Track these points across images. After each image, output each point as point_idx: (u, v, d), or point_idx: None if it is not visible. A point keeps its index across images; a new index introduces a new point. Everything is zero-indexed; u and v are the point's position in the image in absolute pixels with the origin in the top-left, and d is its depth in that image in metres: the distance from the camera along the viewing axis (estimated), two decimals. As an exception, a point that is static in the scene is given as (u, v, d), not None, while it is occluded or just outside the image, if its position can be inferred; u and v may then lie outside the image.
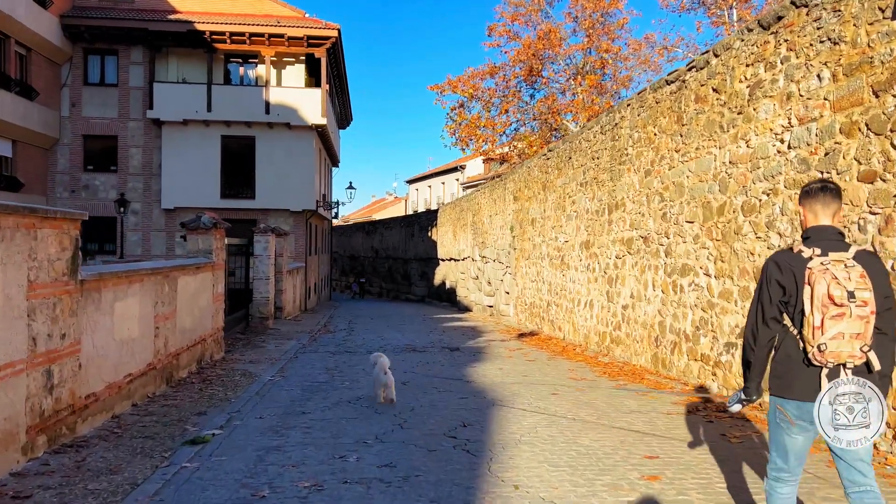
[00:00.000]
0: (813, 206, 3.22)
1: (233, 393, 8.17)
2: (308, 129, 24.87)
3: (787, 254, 3.18)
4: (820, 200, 3.20)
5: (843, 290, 2.92)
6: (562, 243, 14.74)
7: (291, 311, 21.29)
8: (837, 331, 2.92)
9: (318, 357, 11.54)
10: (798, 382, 3.06)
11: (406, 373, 9.76)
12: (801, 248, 3.12)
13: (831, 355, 2.95)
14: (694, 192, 8.84)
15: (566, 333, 14.28)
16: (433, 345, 13.56)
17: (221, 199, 24.72)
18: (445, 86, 26.07)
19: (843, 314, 2.91)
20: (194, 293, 9.75)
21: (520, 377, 9.41)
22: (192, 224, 10.77)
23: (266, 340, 14.04)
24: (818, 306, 2.96)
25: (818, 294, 2.95)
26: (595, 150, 12.78)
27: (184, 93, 24.09)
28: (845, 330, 2.92)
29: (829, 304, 2.93)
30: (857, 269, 2.97)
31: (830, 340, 2.93)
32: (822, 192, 3.21)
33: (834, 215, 3.20)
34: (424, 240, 37.54)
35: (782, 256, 3.19)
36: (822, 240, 3.12)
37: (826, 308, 2.94)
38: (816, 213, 3.21)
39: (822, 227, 3.18)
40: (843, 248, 3.09)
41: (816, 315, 2.96)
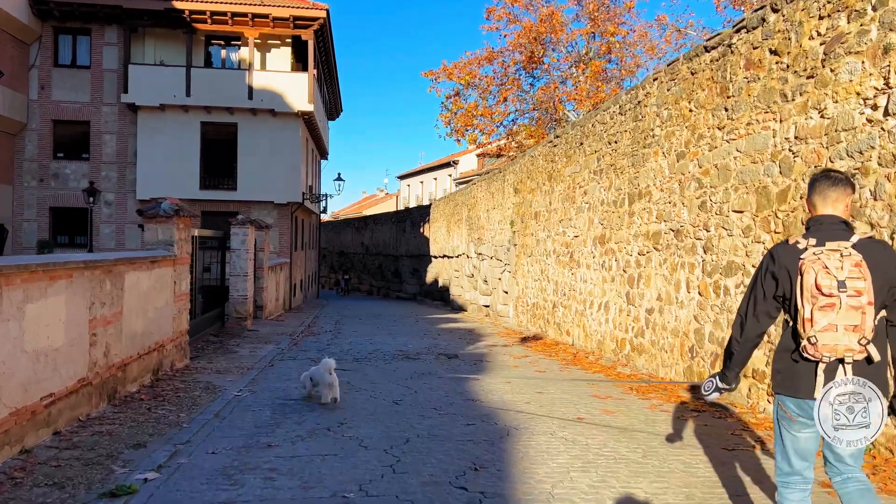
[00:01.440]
0: (820, 198, 3.11)
1: (187, 414, 6.68)
2: (294, 117, 23.33)
3: (782, 246, 3.09)
4: (828, 192, 3.09)
5: (832, 280, 2.80)
6: (571, 238, 13.30)
7: (273, 310, 19.77)
8: (828, 322, 2.81)
9: (296, 365, 10.05)
10: (795, 378, 2.97)
11: (399, 387, 8.30)
12: (797, 239, 3.04)
13: (825, 349, 2.83)
14: (744, 176, 7.41)
15: (575, 338, 12.85)
16: (428, 351, 12.09)
17: (201, 190, 23.17)
18: (440, 72, 24.58)
19: (832, 304, 2.80)
20: (148, 292, 8.24)
21: (533, 393, 7.96)
22: (150, 211, 9.27)
23: (241, 344, 12.53)
24: (807, 297, 2.86)
25: (807, 284, 2.86)
26: (612, 134, 11.35)
27: (161, 76, 22.50)
28: (838, 321, 2.80)
29: (817, 294, 2.83)
30: (852, 258, 2.84)
31: (821, 332, 2.82)
32: (832, 182, 3.10)
33: (840, 205, 3.08)
34: (416, 236, 36.07)
35: (778, 249, 3.10)
36: (821, 230, 3.02)
37: (815, 299, 2.83)
38: (824, 204, 3.10)
39: (824, 217, 3.08)
40: (843, 236, 2.96)
41: (806, 306, 2.86)
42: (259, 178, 23.12)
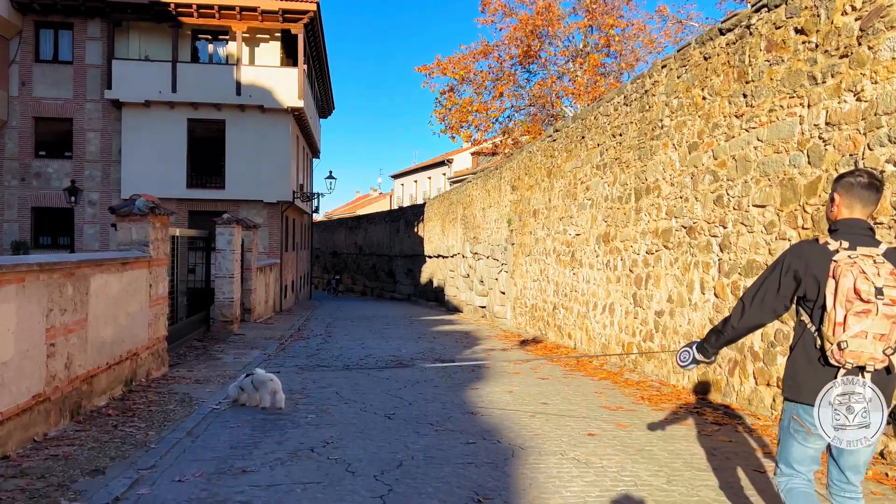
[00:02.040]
0: (852, 202, 2.94)
1: (156, 433, 6.03)
2: (283, 113, 22.65)
3: (811, 245, 2.96)
4: (862, 198, 2.93)
5: (870, 286, 2.67)
6: (572, 237, 12.69)
7: (263, 312, 19.11)
8: (861, 328, 2.69)
9: (283, 373, 9.40)
10: (813, 384, 2.82)
11: (392, 398, 7.66)
12: (827, 239, 2.90)
13: (851, 355, 2.72)
14: (766, 167, 6.80)
15: (578, 342, 12.24)
16: (423, 356, 11.46)
17: (188, 189, 22.49)
18: (434, 67, 23.91)
19: (868, 311, 2.68)
20: (119, 296, 7.59)
21: (537, 405, 7.34)
22: (123, 209, 8.61)
23: (225, 350, 11.88)
24: (842, 301, 2.72)
25: (843, 288, 2.71)
26: (617, 126, 10.74)
27: (146, 71, 21.78)
28: (869, 329, 2.69)
29: (854, 298, 2.69)
30: (886, 266, 2.74)
31: (852, 339, 2.70)
32: (868, 189, 2.93)
33: (870, 210, 2.97)
34: (410, 236, 35.43)
35: (805, 247, 2.98)
36: (850, 234, 2.89)
37: (850, 303, 2.70)
38: (853, 208, 2.94)
39: (853, 221, 2.94)
40: (872, 243, 2.86)
41: (839, 310, 2.72)
42: (248, 177, 22.45)
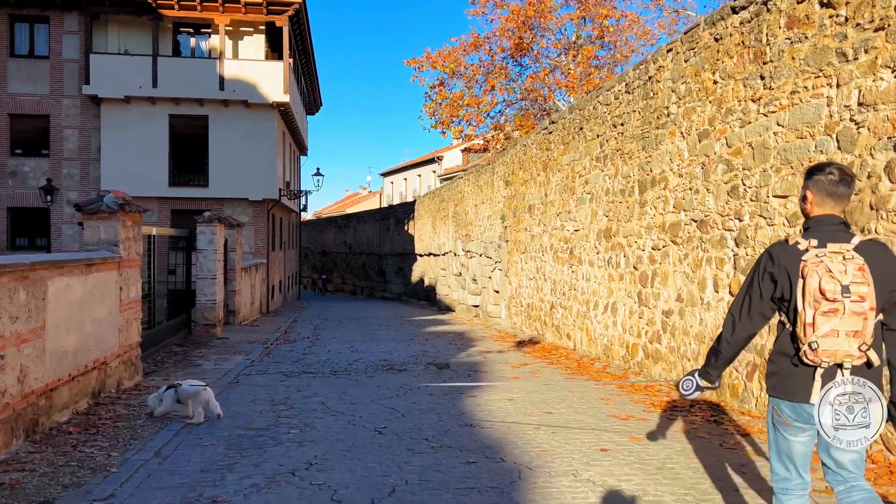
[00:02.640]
0: (823, 199, 2.89)
1: (120, 453, 5.41)
2: (269, 108, 22.00)
3: (782, 246, 2.91)
4: (833, 194, 2.87)
5: (836, 284, 2.67)
6: (570, 233, 12.13)
7: (248, 314, 18.45)
8: (830, 327, 2.68)
9: (265, 381, 8.80)
10: (792, 382, 2.84)
11: (383, 408, 7.07)
12: (797, 239, 2.87)
13: (825, 354, 2.71)
14: (789, 154, 6.25)
15: (577, 343, 11.67)
16: (416, 359, 10.87)
17: (170, 188, 21.84)
18: (424, 60, 23.31)
19: (835, 310, 2.67)
20: (83, 300, 6.95)
21: (541, 414, 6.76)
22: (90, 206, 7.97)
23: (206, 355, 11.24)
24: (810, 301, 2.71)
25: (810, 288, 2.71)
26: (618, 115, 10.18)
27: (126, 66, 21.09)
28: (839, 327, 2.68)
29: (820, 298, 2.68)
30: (856, 262, 2.71)
31: (822, 338, 2.70)
32: (839, 185, 2.87)
33: (843, 204, 2.91)
34: (401, 234, 34.82)
35: (777, 248, 2.92)
36: (821, 230, 2.86)
37: (818, 303, 2.69)
38: (824, 205, 2.90)
39: (825, 217, 2.89)
40: (844, 238, 2.81)
41: (808, 311, 2.72)
42: (232, 174, 21.78)
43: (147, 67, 21.12)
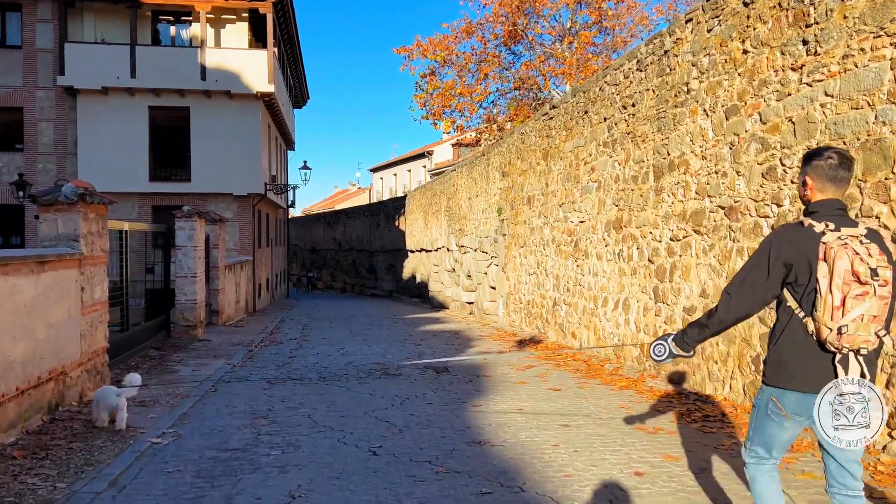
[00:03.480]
0: (824, 184, 2.79)
1: (69, 484, 4.57)
2: (253, 99, 21.07)
3: (795, 228, 2.79)
4: (834, 179, 2.77)
5: (866, 267, 2.54)
6: (575, 224, 11.34)
7: (233, 314, 17.57)
8: (860, 311, 2.54)
9: (246, 390, 7.96)
10: (805, 371, 2.69)
11: (377, 422, 6.25)
12: (810, 221, 2.74)
13: (848, 339, 2.57)
14: (841, 128, 5.47)
15: (584, 342, 10.89)
16: (411, 362, 10.05)
17: (151, 183, 20.87)
18: (414, 48, 22.46)
19: (866, 293, 2.54)
20: (34, 303, 6.09)
21: (557, 427, 5.96)
22: (47, 197, 7.09)
23: (185, 360, 10.38)
24: (838, 284, 2.56)
25: (839, 270, 2.56)
26: (628, 96, 9.39)
27: (102, 55, 20.09)
28: (867, 311, 2.54)
29: (851, 281, 2.55)
30: (873, 246, 2.61)
31: (852, 322, 2.55)
32: (839, 169, 2.77)
33: (844, 189, 2.83)
34: (391, 230, 33.98)
35: (790, 231, 2.81)
36: (831, 214, 2.74)
37: (847, 286, 2.55)
38: (825, 191, 2.79)
39: (828, 202, 2.79)
40: (852, 223, 2.75)
41: (836, 294, 2.57)
42: (216, 168, 20.85)
43: (125, 57, 20.15)
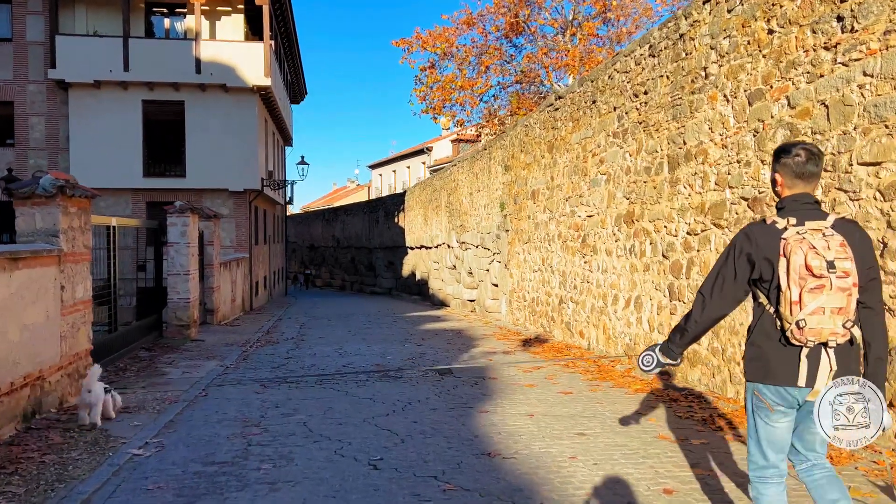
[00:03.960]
0: (793, 181, 2.83)
1: (38, 500, 4.13)
2: (249, 92, 20.59)
3: (759, 225, 2.83)
4: (802, 175, 2.81)
5: (821, 261, 2.60)
6: (583, 219, 10.89)
7: (229, 312, 17.12)
8: (817, 305, 2.59)
9: (239, 394, 7.52)
10: (777, 365, 2.74)
11: (378, 430, 5.80)
12: (774, 218, 2.80)
13: (811, 332, 2.62)
14: (882, 111, 5.01)
15: (593, 341, 10.45)
16: (413, 363, 9.61)
17: (145, 178, 20.40)
18: (413, 41, 21.97)
19: (822, 286, 2.59)
20: (5, 304, 5.64)
21: (573, 436, 5.52)
22: (24, 189, 6.64)
23: (175, 361, 9.94)
24: (795, 279, 2.63)
25: (795, 265, 2.64)
26: (640, 83, 8.93)
27: (95, 48, 19.61)
28: (825, 304, 2.59)
29: (806, 275, 2.61)
30: (836, 238, 2.65)
31: (810, 316, 2.60)
32: (806, 165, 2.80)
33: (815, 183, 2.85)
34: (391, 226, 33.52)
35: (755, 228, 2.85)
36: (797, 210, 2.79)
37: (804, 280, 2.61)
38: (794, 187, 2.83)
39: (798, 196, 2.82)
40: (820, 216, 2.76)
41: (794, 289, 2.63)
42: (211, 163, 20.38)
43: (118, 50, 19.67)
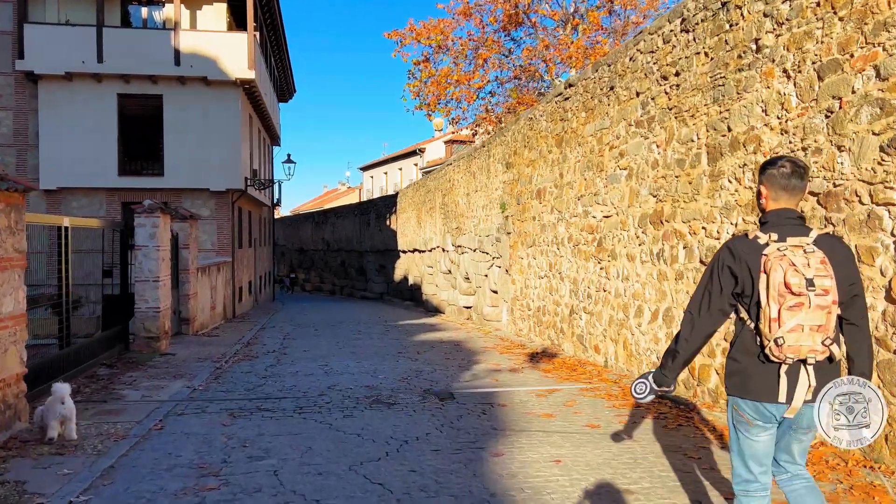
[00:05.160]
0: (777, 193, 2.81)
1: None
2: (232, 86, 19.38)
3: (742, 240, 2.82)
4: (787, 188, 2.79)
5: (801, 278, 2.58)
6: (598, 220, 9.73)
7: (207, 321, 15.86)
8: (796, 322, 2.57)
9: (201, 427, 6.29)
10: (755, 381, 2.72)
11: (366, 483, 4.59)
12: (756, 233, 2.78)
13: (790, 350, 2.59)
14: None
15: (610, 358, 9.27)
16: (408, 384, 8.40)
17: (120, 177, 19.14)
18: (407, 33, 20.78)
19: (801, 304, 2.57)
20: None
21: (615, 491, 4.33)
22: (-68, 179, 5.40)
23: (138, 380, 8.70)
24: (774, 296, 2.61)
25: (774, 282, 2.62)
26: (670, 63, 7.78)
27: (66, 38, 18.36)
28: (804, 322, 2.57)
29: (785, 293, 2.59)
30: (817, 255, 2.64)
31: (788, 333, 2.57)
32: (791, 178, 2.79)
33: (799, 198, 2.84)
34: (382, 229, 32.32)
35: (737, 243, 2.82)
36: (780, 224, 2.77)
37: (783, 298, 2.59)
38: (778, 200, 2.81)
39: (781, 211, 2.81)
40: (802, 232, 2.75)
41: (773, 306, 2.61)
42: (191, 161, 19.15)
43: (91, 40, 18.41)
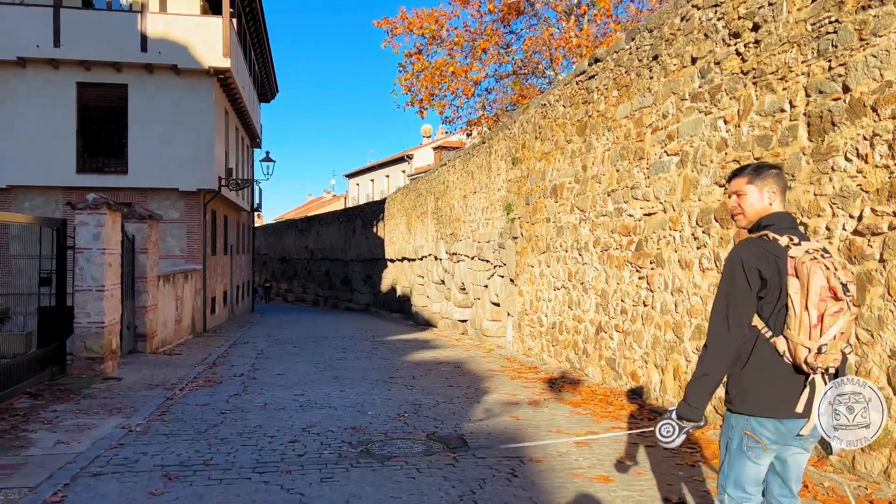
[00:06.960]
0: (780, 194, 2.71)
1: None
2: (204, 75, 17.52)
3: (762, 241, 2.61)
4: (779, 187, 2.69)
5: (838, 282, 2.44)
6: (637, 219, 7.99)
7: (170, 337, 13.93)
8: (837, 329, 2.44)
9: (119, 496, 4.44)
10: (777, 396, 2.53)
11: None
12: (774, 235, 2.59)
13: (830, 359, 2.47)
14: None
15: (655, 388, 7.49)
16: (405, 424, 6.58)
17: (79, 175, 17.17)
18: (398, 21, 19.06)
19: (842, 309, 2.45)
20: None
21: None
22: None
23: (59, 417, 6.81)
24: (815, 301, 2.43)
25: (815, 287, 2.43)
26: (744, 15, 6.06)
27: (19, 18, 16.45)
28: (843, 328, 2.45)
29: (828, 297, 2.43)
30: (836, 260, 2.52)
31: (832, 341, 2.44)
32: (776, 173, 2.71)
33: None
34: (369, 237, 30.51)
35: (759, 243, 2.60)
36: (786, 228, 2.63)
37: (824, 303, 2.43)
38: (780, 201, 2.71)
39: (782, 215, 2.69)
40: (807, 237, 2.65)
41: (812, 312, 2.44)
42: (158, 158, 17.24)
43: (47, 21, 16.50)
